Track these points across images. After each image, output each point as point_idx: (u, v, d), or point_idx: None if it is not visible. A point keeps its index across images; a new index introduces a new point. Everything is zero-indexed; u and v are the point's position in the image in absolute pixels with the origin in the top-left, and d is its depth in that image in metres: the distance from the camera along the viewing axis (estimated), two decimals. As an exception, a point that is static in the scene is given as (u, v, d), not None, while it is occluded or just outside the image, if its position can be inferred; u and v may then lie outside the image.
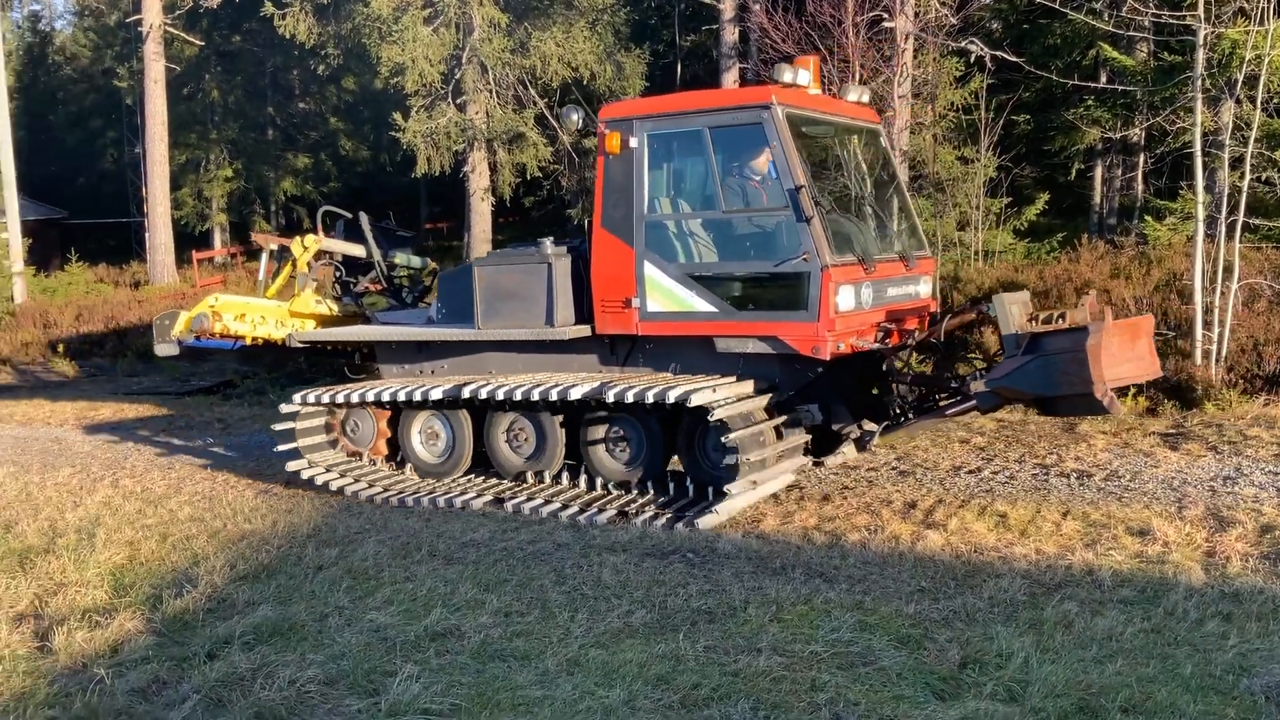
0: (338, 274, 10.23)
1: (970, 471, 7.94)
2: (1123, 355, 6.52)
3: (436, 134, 19.50)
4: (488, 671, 4.67)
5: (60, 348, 18.39)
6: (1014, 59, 13.13)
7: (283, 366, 13.20)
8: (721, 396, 7.02)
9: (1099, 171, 19.43)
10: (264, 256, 10.57)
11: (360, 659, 4.83)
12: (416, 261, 10.55)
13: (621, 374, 7.82)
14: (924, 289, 8.19)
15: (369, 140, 34.31)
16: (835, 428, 7.77)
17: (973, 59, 14.24)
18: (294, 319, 9.89)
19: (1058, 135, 17.75)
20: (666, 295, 7.42)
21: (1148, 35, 14.90)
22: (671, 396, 6.87)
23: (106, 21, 38.24)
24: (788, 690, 4.33)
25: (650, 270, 7.44)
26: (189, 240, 31.22)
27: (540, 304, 7.78)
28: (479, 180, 20.82)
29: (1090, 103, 16.49)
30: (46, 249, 30.74)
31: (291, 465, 8.62)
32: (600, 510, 7.30)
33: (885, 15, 12.94)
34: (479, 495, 7.91)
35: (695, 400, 6.81)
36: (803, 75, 7.45)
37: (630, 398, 7.04)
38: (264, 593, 5.81)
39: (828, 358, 7.05)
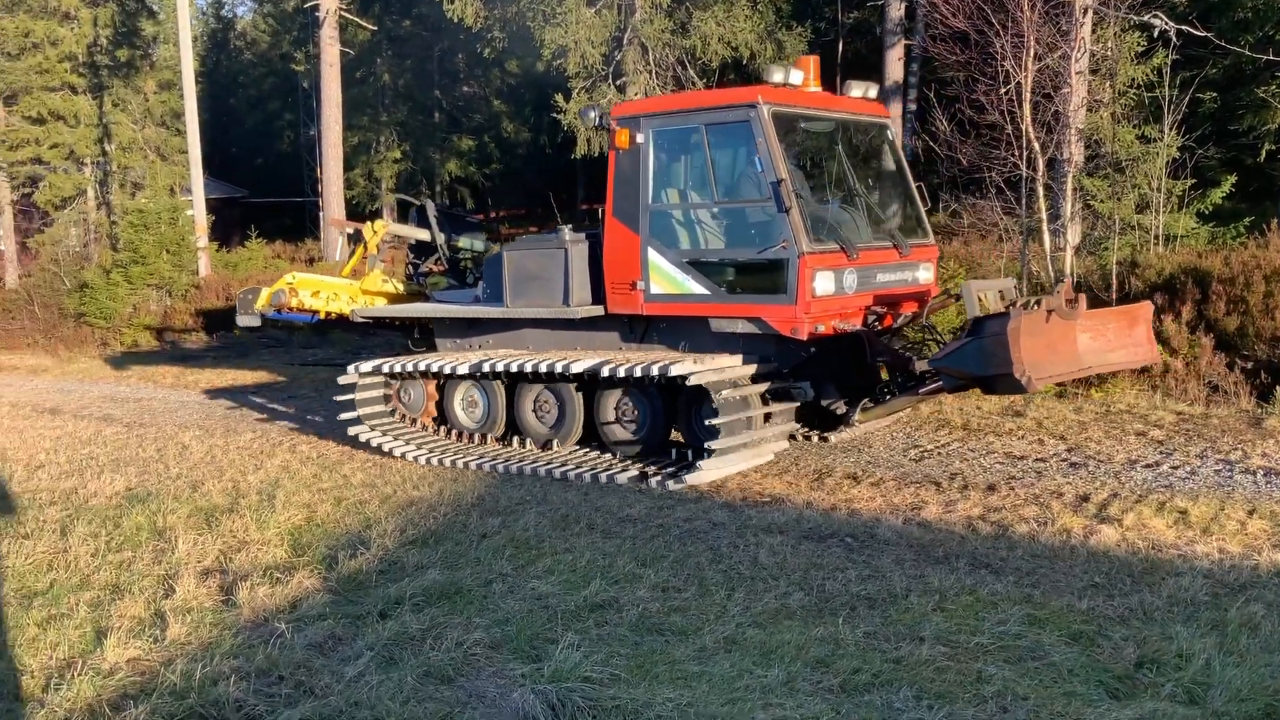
0: (410, 256, 10.99)
1: (1147, 465, 7.58)
2: (1118, 341, 7.11)
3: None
4: (646, 644, 4.72)
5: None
6: (1201, 33, 12.39)
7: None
8: (701, 369, 7.57)
9: (1293, 152, 18.18)
10: (340, 239, 11.45)
11: (523, 625, 4.95)
12: (479, 245, 11.07)
13: (638, 351, 8.47)
14: (923, 275, 8.52)
15: (529, 122, 34.90)
16: (824, 403, 8.42)
17: (1156, 33, 13.50)
18: (364, 296, 10.72)
19: (1246, 114, 16.65)
20: (667, 279, 7.99)
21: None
22: (655, 371, 7.60)
23: (285, 7, 39.95)
24: (952, 681, 4.23)
25: (653, 256, 8.02)
26: (359, 219, 32.40)
27: (559, 285, 8.43)
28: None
29: (1285, 79, 15.43)
30: (227, 226, 32.39)
31: (352, 429, 9.34)
32: (624, 471, 7.94)
33: (1063, -13, 12.39)
34: (512, 461, 8.49)
35: (674, 371, 7.49)
36: (795, 75, 7.89)
37: (621, 373, 7.75)
38: (432, 557, 6.02)
39: (804, 338, 7.52)
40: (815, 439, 8.80)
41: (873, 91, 8.77)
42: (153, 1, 32.65)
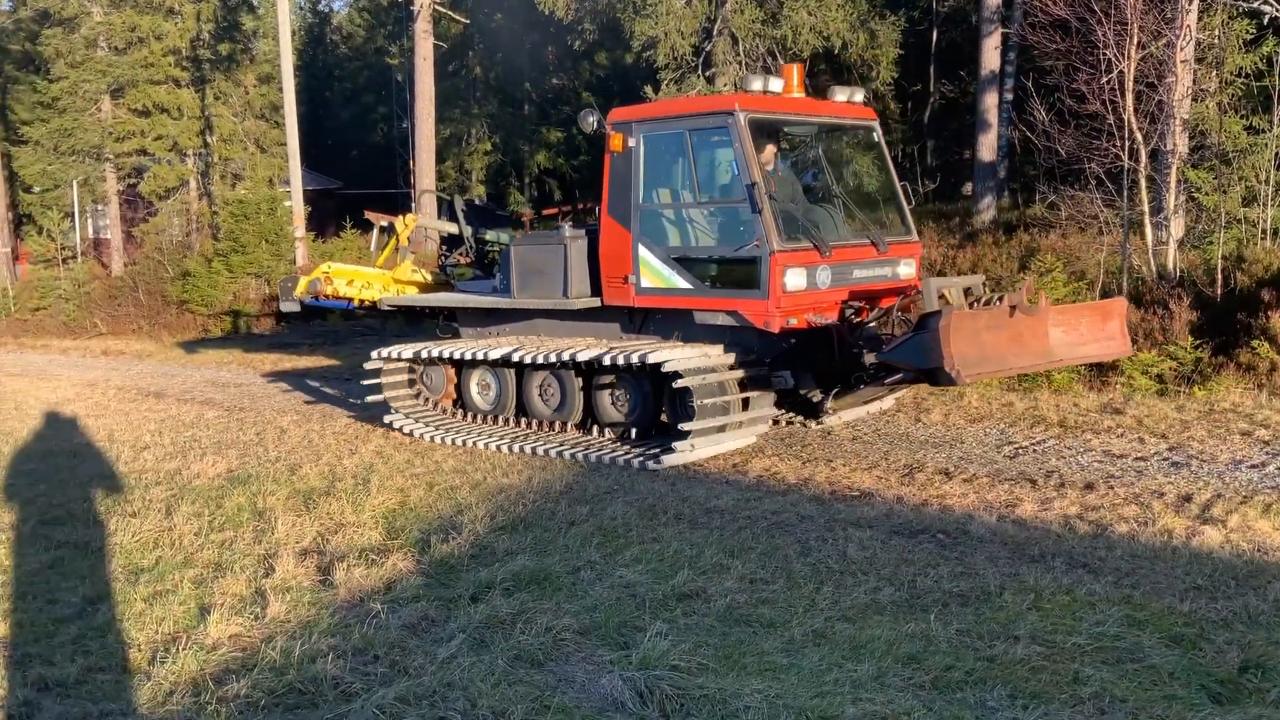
0: (442, 249, 11.60)
1: (1253, 466, 7.32)
2: (1091, 335, 7.45)
3: (686, 106, 19.66)
4: (733, 635, 4.72)
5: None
6: (1315, 19, 11.92)
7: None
8: (676, 356, 8.03)
9: None
10: (375, 231, 12.10)
11: (611, 612, 4.99)
12: (505, 238, 11.35)
13: (636, 340, 8.89)
14: (904, 270, 8.83)
15: (618, 114, 34.98)
16: (802, 392, 8.76)
17: (1265, 20, 13.02)
18: (395, 286, 11.31)
19: (1364, 103, 15.96)
20: (655, 274, 8.47)
21: None
22: (634, 359, 8.11)
23: (380, 1, 40.63)
24: (1048, 681, 4.15)
25: (643, 252, 8.49)
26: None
27: (558, 278, 8.95)
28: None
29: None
30: (323, 217, 33.13)
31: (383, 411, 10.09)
32: (608, 451, 8.40)
33: (1169, -27, 12.01)
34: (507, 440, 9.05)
35: (651, 359, 8.02)
36: (774, 83, 8.33)
37: (607, 360, 8.25)
38: (521, 543, 6.09)
39: (776, 331, 7.94)
40: (810, 425, 9.24)
41: (858, 96, 9.20)
42: (253, -3, 33.50)
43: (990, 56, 19.53)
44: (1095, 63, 11.54)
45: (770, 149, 8.57)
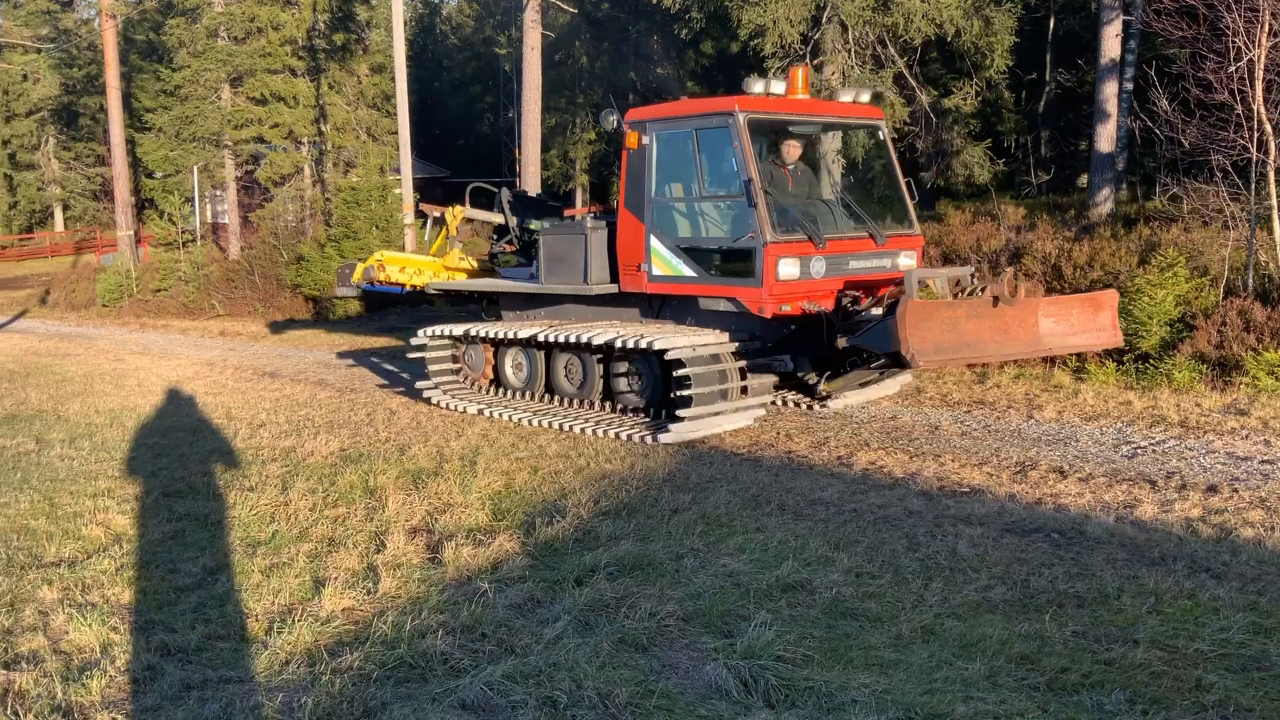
0: (493, 237, 12.14)
1: (1391, 473, 6.96)
2: (1081, 326, 7.73)
3: (793, 95, 19.45)
4: (839, 628, 4.66)
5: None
6: None
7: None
8: (678, 342, 8.51)
9: None
10: (429, 222, 12.81)
11: (715, 600, 4.97)
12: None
13: (654, 324, 9.49)
14: (904, 262, 9.22)
15: (722, 104, 34.85)
16: (799, 375, 9.24)
17: None
18: (445, 272, 11.97)
19: None
20: (665, 262, 9.03)
21: None
22: (631, 342, 8.67)
23: (490, -7, 41.12)
24: (1169, 686, 4.01)
25: (655, 242, 9.05)
26: (556, 199, 33.18)
27: (580, 266, 9.56)
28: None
29: None
30: (430, 204, 33.83)
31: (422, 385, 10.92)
32: (621, 426, 8.94)
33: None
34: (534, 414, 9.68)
35: (658, 345, 8.51)
36: (776, 85, 8.83)
37: (618, 344, 8.83)
38: (625, 529, 6.11)
39: (768, 316, 8.47)
40: (816, 408, 9.70)
41: (865, 96, 9.62)
42: (366, -13, 34.21)
43: (1110, 44, 18.90)
44: (1223, 50, 11.09)
45: (789, 147, 9.17)
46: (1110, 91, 19.12)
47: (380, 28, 34.22)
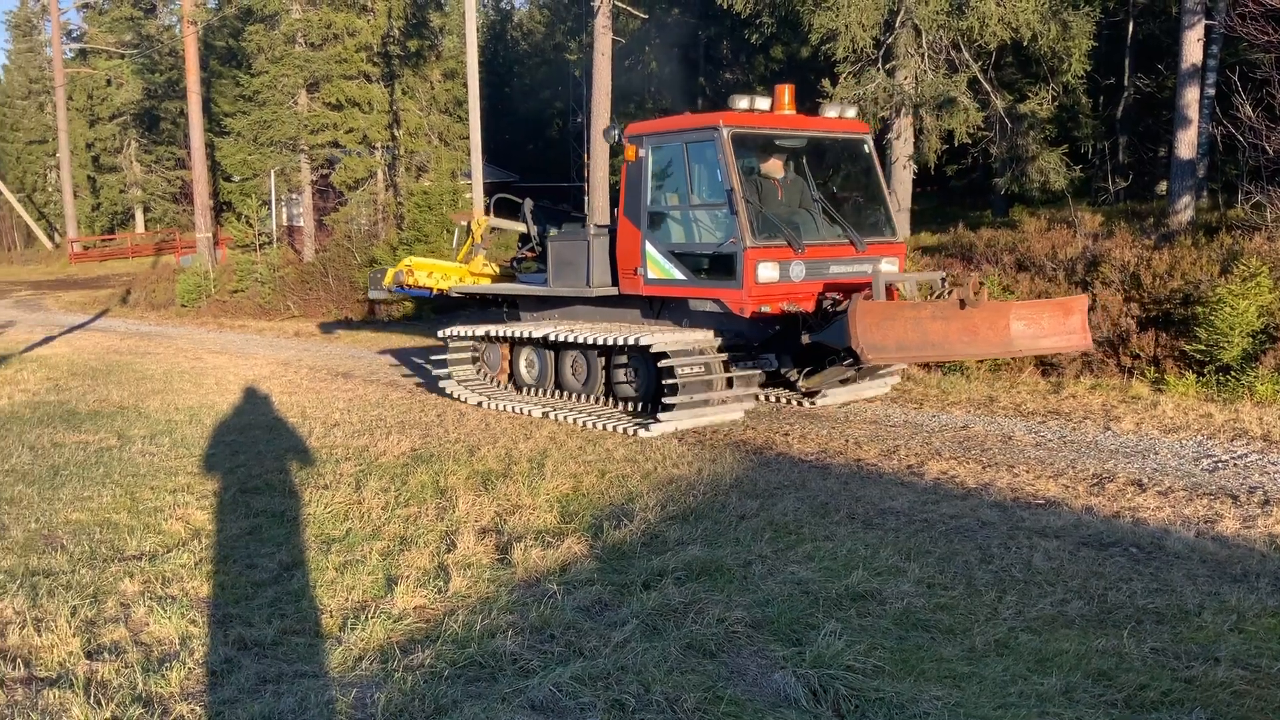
0: (519, 245, 12.89)
1: None
2: (1052, 329, 8.00)
3: (864, 100, 19.30)
4: (910, 639, 4.61)
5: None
6: None
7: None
8: (662, 340, 9.19)
9: None
10: (457, 230, 13.87)
11: (784, 608, 4.95)
12: None
13: (654, 324, 10.10)
14: (886, 267, 9.71)
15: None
16: (782, 371, 9.91)
17: None
18: (470, 277, 12.73)
19: None
20: (659, 266, 9.66)
21: None
22: (625, 340, 9.40)
23: (561, -1, 41.40)
24: (1252, 706, 3.90)
25: (650, 247, 9.69)
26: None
27: (583, 270, 10.21)
28: (902, 147, 20.39)
29: None
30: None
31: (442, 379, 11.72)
32: (615, 420, 9.56)
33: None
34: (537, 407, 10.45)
35: (644, 341, 9.21)
36: (760, 102, 9.47)
37: (611, 342, 9.56)
38: (692, 534, 6.11)
39: (748, 316, 9.06)
40: (805, 404, 10.35)
41: (850, 112, 10.26)
42: (440, -6, 34.66)
43: (1192, 49, 18.43)
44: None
45: (777, 159, 9.76)
46: (1191, 97, 18.65)
47: (453, 34, 34.64)
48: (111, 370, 15.07)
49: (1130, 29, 24.86)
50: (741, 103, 9.38)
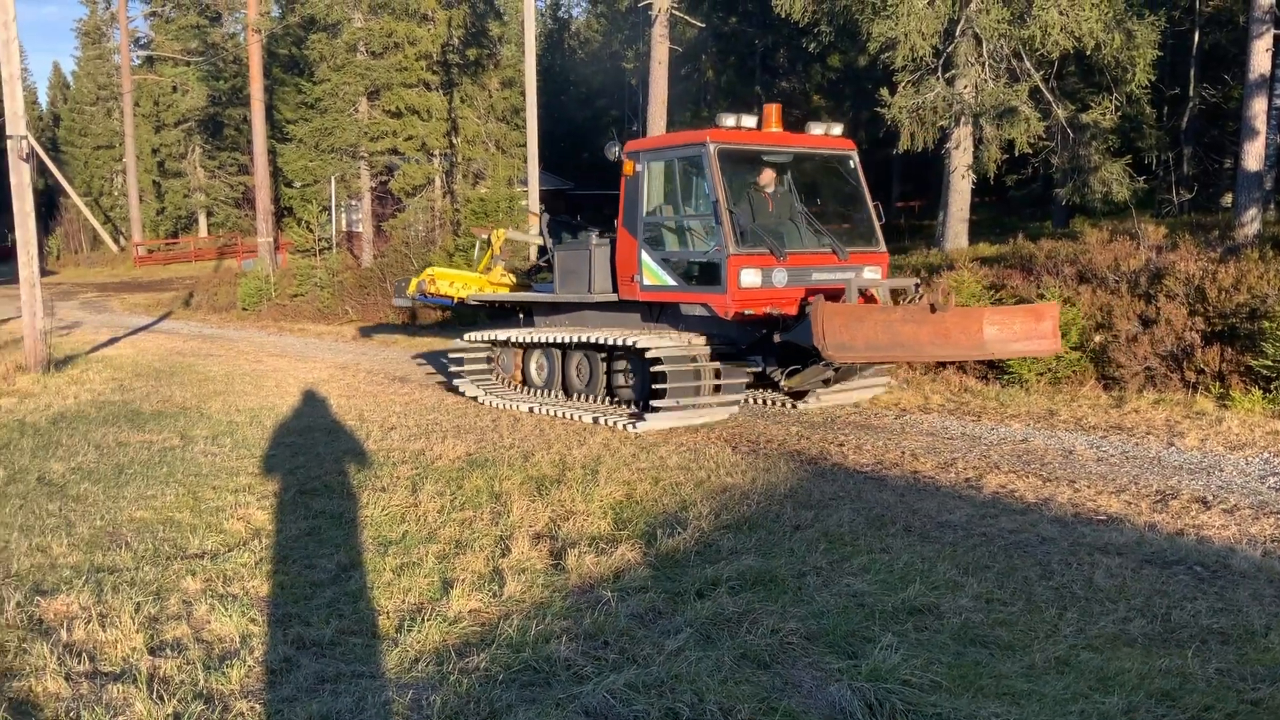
0: (538, 257, 13.43)
1: None
2: (1024, 334, 8.53)
3: (923, 110, 19.15)
4: (968, 655, 4.55)
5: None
6: None
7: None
8: (658, 343, 9.74)
9: None
10: (478, 242, 14.49)
11: (839, 620, 4.91)
12: None
13: (650, 328, 10.63)
14: (869, 275, 10.25)
15: (848, 118, 34.51)
16: (767, 372, 10.42)
17: None
18: (489, 286, 13.51)
19: None
20: (653, 273, 10.22)
21: None
22: (620, 340, 10.07)
23: (618, 7, 41.59)
24: (1323, 733, 3.80)
25: (645, 256, 10.26)
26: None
27: (585, 278, 10.94)
28: (961, 157, 20.19)
29: None
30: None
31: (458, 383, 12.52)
32: (611, 416, 10.25)
33: None
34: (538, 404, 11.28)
35: (640, 343, 9.80)
36: (747, 120, 9.96)
37: (601, 340, 10.32)
38: (746, 543, 6.08)
39: (731, 318, 9.61)
40: (796, 406, 10.90)
41: (836, 130, 10.78)
42: (499, 3, 34.96)
43: (1260, 59, 18.05)
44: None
45: (767, 174, 10.27)
46: (1259, 108, 18.26)
47: (511, 43, 34.91)
48: (175, 371, 15.38)
49: (1196, 38, 24.43)
50: (729, 121, 9.89)
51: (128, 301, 33.82)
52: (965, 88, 19.29)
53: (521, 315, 13.07)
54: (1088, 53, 18.52)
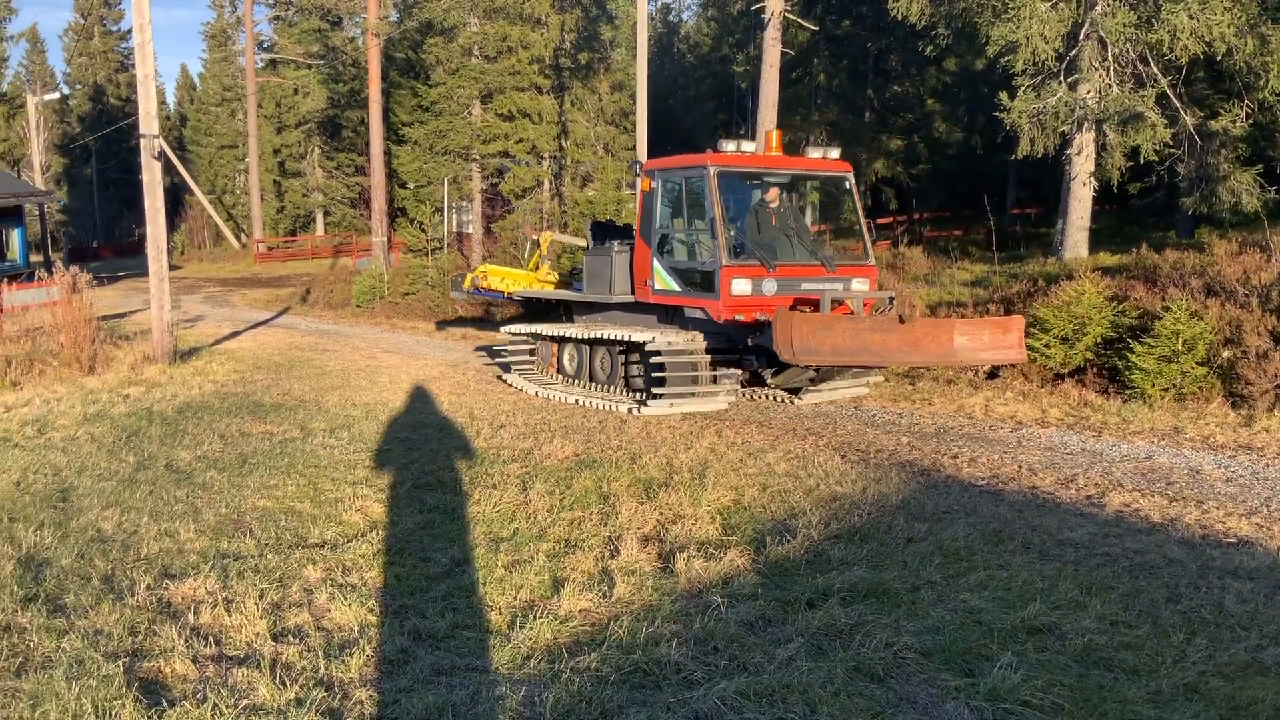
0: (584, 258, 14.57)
1: None
2: (991, 344, 9.11)
3: (1044, 114, 18.67)
4: (1091, 678, 4.41)
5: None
6: None
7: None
8: (651, 337, 11.03)
9: None
10: (529, 243, 15.86)
11: (955, 636, 4.80)
12: None
13: (665, 328, 11.64)
14: (856, 286, 11.22)
15: (962, 122, 33.84)
16: (758, 370, 11.57)
17: None
18: (536, 284, 14.90)
19: None
20: (662, 279, 11.46)
21: None
22: (615, 335, 11.56)
23: (729, 11, 41.51)
24: None
25: (656, 263, 11.51)
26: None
27: (607, 280, 12.22)
28: (1083, 164, 19.61)
29: None
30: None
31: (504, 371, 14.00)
32: (622, 403, 11.42)
33: None
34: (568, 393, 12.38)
35: (637, 338, 11.23)
36: (746, 145, 11.15)
37: (613, 336, 11.63)
38: (857, 554, 6.00)
39: (723, 322, 10.72)
40: (792, 402, 11.71)
41: (833, 153, 11.65)
42: (611, 7, 35.22)
43: None
44: None
45: (771, 193, 11.25)
46: None
47: (621, 47, 35.16)
48: (293, 365, 15.84)
49: (1338, 41, 23.25)
50: (729, 145, 11.05)
51: (248, 297, 34.95)
52: (1088, 92, 18.74)
53: (562, 311, 14.21)
54: (1218, 58, 17.83)
